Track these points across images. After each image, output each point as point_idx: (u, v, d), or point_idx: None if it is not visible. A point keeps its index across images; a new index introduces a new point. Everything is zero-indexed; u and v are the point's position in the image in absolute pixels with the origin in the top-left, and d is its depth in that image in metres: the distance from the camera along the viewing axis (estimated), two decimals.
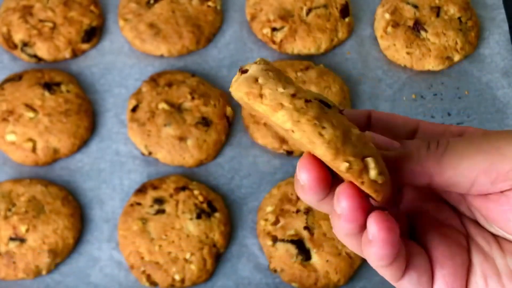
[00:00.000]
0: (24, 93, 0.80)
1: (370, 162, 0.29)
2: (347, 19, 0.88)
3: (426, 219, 0.37)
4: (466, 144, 0.32)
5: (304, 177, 0.31)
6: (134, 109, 0.81)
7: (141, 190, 0.76)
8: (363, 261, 0.75)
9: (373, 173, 0.29)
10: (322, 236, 0.73)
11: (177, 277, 0.72)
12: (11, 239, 0.72)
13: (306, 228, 0.73)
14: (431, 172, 0.32)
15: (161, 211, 0.75)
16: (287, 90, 0.29)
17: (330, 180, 0.31)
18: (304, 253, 0.72)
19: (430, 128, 0.37)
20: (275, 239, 0.73)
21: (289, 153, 0.80)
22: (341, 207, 0.30)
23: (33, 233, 0.73)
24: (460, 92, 0.86)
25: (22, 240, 0.73)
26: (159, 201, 0.75)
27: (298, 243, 0.73)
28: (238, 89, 0.30)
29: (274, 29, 0.87)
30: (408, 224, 0.37)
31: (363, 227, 0.31)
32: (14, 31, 0.85)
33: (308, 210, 0.75)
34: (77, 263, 0.74)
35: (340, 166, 0.29)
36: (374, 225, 0.29)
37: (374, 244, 0.30)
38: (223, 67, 0.87)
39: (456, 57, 0.86)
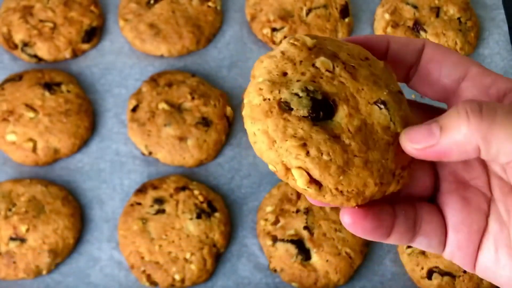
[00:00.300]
0: (24, 93, 0.80)
1: (294, 173, 0.33)
2: (347, 19, 0.89)
3: (451, 178, 0.38)
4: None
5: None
6: (134, 109, 0.81)
7: (141, 190, 0.76)
8: (363, 261, 0.75)
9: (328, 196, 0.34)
10: (322, 236, 0.73)
11: (177, 277, 0.72)
12: (11, 239, 0.72)
13: (306, 228, 0.74)
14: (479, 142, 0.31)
15: (161, 211, 0.75)
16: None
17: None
18: (304, 253, 0.73)
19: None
20: (275, 239, 0.74)
21: None
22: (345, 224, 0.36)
23: (33, 233, 0.73)
24: None
25: (22, 240, 0.73)
26: (159, 201, 0.75)
27: (298, 243, 0.73)
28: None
29: (274, 29, 0.87)
30: (433, 184, 0.38)
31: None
32: (14, 31, 0.85)
33: (308, 210, 0.75)
34: (77, 263, 0.74)
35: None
36: (343, 221, 0.35)
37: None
38: (223, 67, 0.87)
39: None
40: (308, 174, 0.33)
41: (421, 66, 0.38)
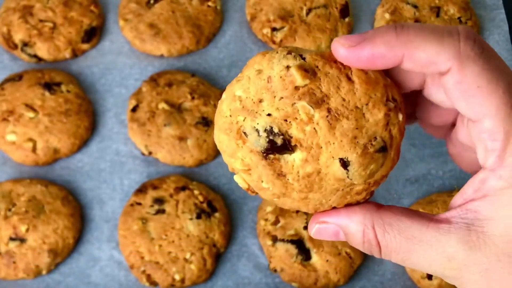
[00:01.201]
0: (24, 93, 0.80)
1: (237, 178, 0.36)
2: (347, 19, 0.89)
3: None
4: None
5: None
6: (134, 109, 0.81)
7: (141, 190, 0.76)
8: (363, 261, 0.75)
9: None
10: None
11: (177, 277, 0.72)
12: (11, 239, 0.72)
13: (306, 228, 0.73)
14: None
15: (161, 211, 0.75)
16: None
17: None
18: (304, 253, 0.73)
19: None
20: (275, 239, 0.74)
21: None
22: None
23: (33, 233, 0.73)
24: None
25: (22, 240, 0.73)
26: (159, 201, 0.75)
27: (298, 243, 0.73)
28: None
29: (274, 29, 0.87)
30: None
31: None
32: (14, 31, 0.85)
33: None
34: (77, 263, 0.74)
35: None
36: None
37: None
38: (223, 67, 0.87)
39: None
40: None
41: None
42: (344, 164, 0.33)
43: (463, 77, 0.32)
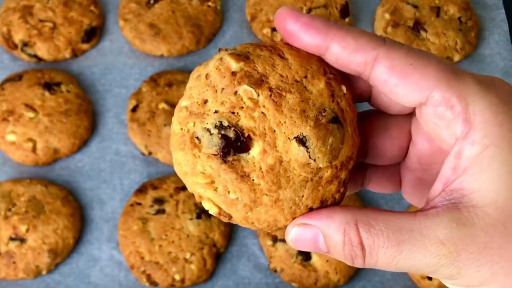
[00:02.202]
0: (24, 93, 0.80)
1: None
2: (347, 19, 0.88)
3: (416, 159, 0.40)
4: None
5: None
6: (134, 109, 0.81)
7: (141, 190, 0.76)
8: None
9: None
10: None
11: (177, 277, 0.72)
12: (11, 239, 0.72)
13: None
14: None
15: (161, 211, 0.75)
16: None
17: None
18: (304, 253, 0.72)
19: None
20: (275, 239, 0.74)
21: None
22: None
23: (33, 233, 0.73)
24: None
25: (22, 240, 0.73)
26: (159, 201, 0.75)
27: None
28: None
29: (274, 29, 0.87)
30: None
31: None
32: (14, 31, 0.85)
33: None
34: (77, 263, 0.74)
35: None
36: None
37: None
38: None
39: (456, 57, 0.86)
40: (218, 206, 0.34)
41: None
42: (301, 141, 0.33)
43: (392, 60, 0.32)
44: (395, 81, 0.32)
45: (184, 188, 0.76)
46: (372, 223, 0.32)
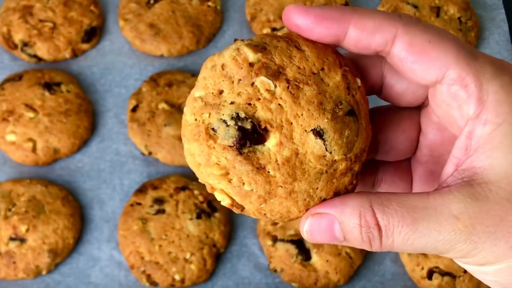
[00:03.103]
0: (24, 93, 0.80)
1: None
2: None
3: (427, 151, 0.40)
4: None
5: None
6: (134, 109, 0.81)
7: (141, 190, 0.76)
8: (363, 261, 0.75)
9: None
10: None
11: (177, 277, 0.72)
12: (11, 239, 0.72)
13: None
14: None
15: (161, 211, 0.75)
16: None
17: None
18: (304, 253, 0.72)
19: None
20: (275, 239, 0.74)
21: None
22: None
23: (33, 233, 0.73)
24: None
25: (22, 240, 0.73)
26: (159, 201, 0.75)
27: (298, 243, 0.73)
28: None
29: (274, 29, 0.87)
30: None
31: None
32: (14, 31, 0.85)
33: None
34: (77, 263, 0.74)
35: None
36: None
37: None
38: None
39: None
40: (231, 197, 0.34)
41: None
42: (319, 134, 0.33)
43: (411, 37, 0.32)
44: (413, 58, 0.32)
45: (184, 188, 0.76)
46: (386, 203, 0.31)
